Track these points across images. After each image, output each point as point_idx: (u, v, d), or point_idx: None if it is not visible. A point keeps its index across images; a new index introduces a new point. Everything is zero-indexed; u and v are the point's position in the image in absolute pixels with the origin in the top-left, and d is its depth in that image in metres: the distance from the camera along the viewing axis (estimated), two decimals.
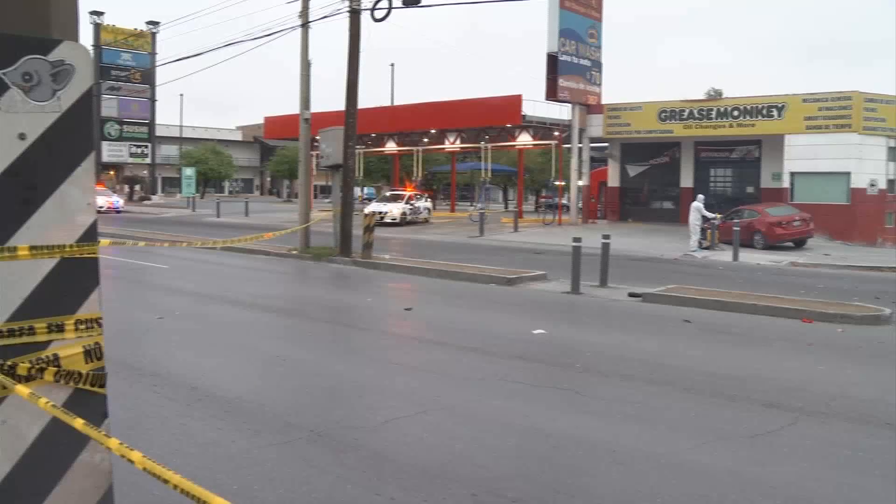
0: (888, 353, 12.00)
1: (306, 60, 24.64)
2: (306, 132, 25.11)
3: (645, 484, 6.11)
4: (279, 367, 10.05)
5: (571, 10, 40.36)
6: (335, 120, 25.33)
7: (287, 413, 7.74)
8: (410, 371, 9.92)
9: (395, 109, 51.94)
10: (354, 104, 23.37)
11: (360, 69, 23.45)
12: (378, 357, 10.81)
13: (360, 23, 23.25)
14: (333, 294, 18.31)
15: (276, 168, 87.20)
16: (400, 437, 7.13)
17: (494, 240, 33.65)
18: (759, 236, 30.98)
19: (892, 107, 36.75)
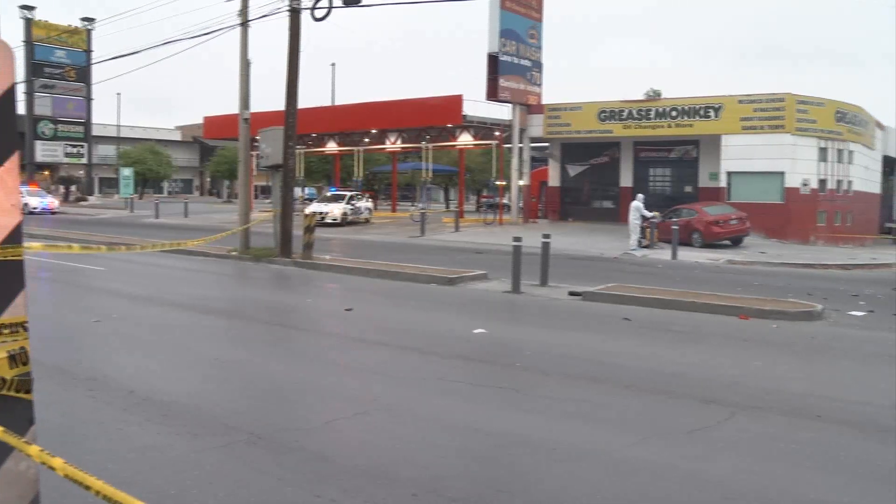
0: (821, 347, 12.28)
1: (246, 60, 24.40)
2: (246, 132, 24.88)
3: (586, 481, 6.16)
4: (218, 369, 9.95)
5: (512, 10, 40.52)
6: (275, 120, 25.14)
7: (226, 415, 7.66)
8: (351, 372, 9.89)
9: (336, 109, 51.74)
10: (294, 104, 23.22)
11: (301, 69, 23.30)
12: (318, 358, 10.78)
13: (300, 22, 23.10)
14: (273, 295, 18.18)
15: (216, 168, 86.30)
16: (340, 438, 7.11)
17: (435, 240, 33.69)
18: (697, 235, 31.46)
19: (822, 109, 37.58)
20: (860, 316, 15.50)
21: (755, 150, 36.53)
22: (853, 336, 13.41)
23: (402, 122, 45.22)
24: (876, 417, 8.21)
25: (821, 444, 7.23)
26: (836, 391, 9.32)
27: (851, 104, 39.96)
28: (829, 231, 38.03)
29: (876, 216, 46.21)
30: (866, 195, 43.21)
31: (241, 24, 24.25)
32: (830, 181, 38.43)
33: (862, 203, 42.15)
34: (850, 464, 6.73)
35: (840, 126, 38.54)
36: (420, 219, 37.13)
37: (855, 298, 17.76)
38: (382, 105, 44.23)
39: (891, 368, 10.87)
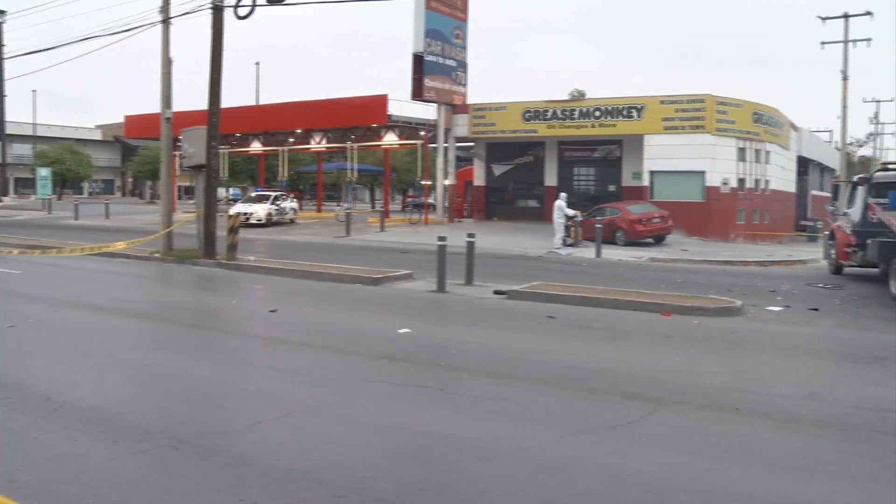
0: (740, 342, 12.56)
1: (167, 58, 24.00)
2: (168, 132, 24.48)
3: (510, 479, 6.21)
4: (140, 373, 9.79)
5: (437, 10, 40.53)
6: (198, 119, 24.76)
7: (147, 420, 7.55)
8: (275, 373, 9.82)
9: (261, 109, 51.18)
10: (217, 103, 22.93)
11: (225, 67, 23.01)
12: (242, 360, 10.67)
13: (223, 20, 22.81)
14: (197, 297, 17.96)
15: (138, 169, 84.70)
16: (264, 440, 7.05)
17: (361, 240, 33.58)
18: (620, 233, 31.87)
19: (740, 110, 38.42)
20: (777, 311, 15.88)
21: (677, 149, 37.16)
22: (771, 331, 13.73)
23: (327, 122, 44.95)
24: (790, 409, 8.45)
25: (739, 437, 7.41)
26: (754, 385, 9.54)
27: (768, 106, 40.93)
28: (747, 229, 38.86)
29: (792, 214, 47.43)
30: (783, 194, 44.31)
31: (163, 21, 23.85)
32: (749, 180, 39.27)
33: (779, 201, 43.20)
34: (766, 454, 6.92)
35: (757, 127, 39.44)
36: (345, 219, 36.96)
37: (772, 294, 18.18)
38: (307, 105, 43.89)
39: (805, 362, 11.22)
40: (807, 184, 53.89)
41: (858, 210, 21.27)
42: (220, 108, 23.14)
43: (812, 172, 55.71)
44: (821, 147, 60.09)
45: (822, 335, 13.66)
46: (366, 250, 28.55)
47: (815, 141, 58.20)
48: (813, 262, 27.55)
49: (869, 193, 20.80)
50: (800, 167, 50.28)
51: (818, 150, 57.31)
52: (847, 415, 8.28)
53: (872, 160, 75.47)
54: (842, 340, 13.26)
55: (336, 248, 29.95)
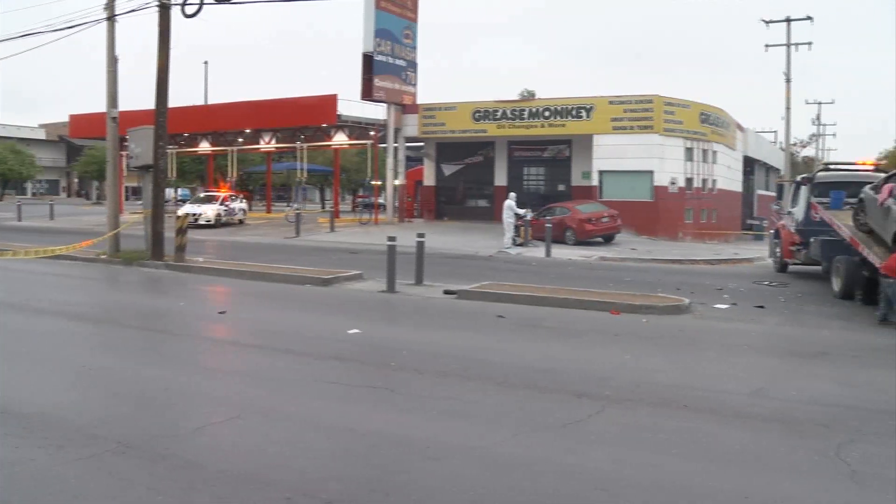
0: (688, 340, 12.73)
1: (113, 56, 23.64)
2: (114, 131, 24.13)
3: (461, 478, 6.22)
4: (85, 377, 9.63)
5: (387, 10, 40.46)
6: (146, 119, 24.46)
7: (93, 425, 7.43)
8: (224, 375, 9.75)
9: (209, 108, 50.74)
10: (165, 102, 22.67)
11: (172, 66, 22.74)
12: (191, 362, 10.57)
13: (170, 18, 22.52)
14: (144, 299, 17.74)
15: (83, 169, 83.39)
16: (213, 443, 7.00)
17: (311, 240, 33.41)
18: (570, 233, 32.05)
19: (688, 110, 38.90)
20: (724, 309, 16.12)
21: (625, 149, 37.48)
22: (718, 328, 13.94)
23: (276, 122, 44.67)
24: (737, 405, 8.59)
25: (686, 433, 7.52)
26: (702, 382, 9.68)
27: (714, 106, 41.49)
28: (695, 228, 39.38)
29: (738, 213, 48.17)
30: (729, 193, 44.93)
31: (108, 18, 23.48)
32: (696, 180, 39.77)
33: (725, 201, 43.80)
34: (713, 450, 7.04)
35: (704, 127, 39.95)
36: (295, 219, 36.74)
37: (719, 292, 18.43)
38: (256, 104, 43.57)
39: (751, 358, 11.37)
40: (753, 183, 54.76)
41: (802, 209, 21.65)
42: (168, 108, 22.89)
43: (758, 172, 56.62)
44: (766, 147, 61.05)
45: (768, 332, 13.87)
46: (316, 251, 28.41)
47: (760, 141, 59.13)
48: (759, 261, 28.02)
49: (812, 193, 21.19)
50: (746, 167, 51.08)
51: (763, 151, 58.24)
52: (791, 410, 8.42)
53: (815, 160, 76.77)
54: (786, 337, 13.47)
55: (286, 248, 29.77)
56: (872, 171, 21.49)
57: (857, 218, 17.73)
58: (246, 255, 24.66)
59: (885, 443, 7.35)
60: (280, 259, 23.66)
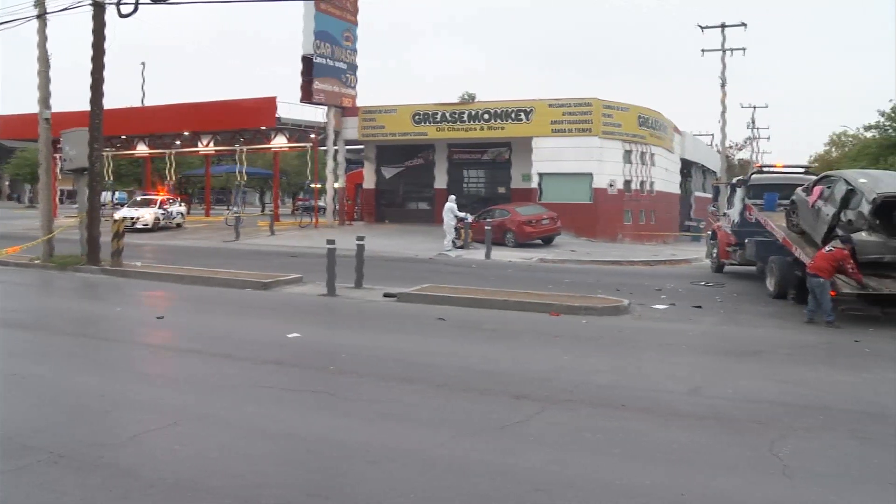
0: (627, 340, 12.86)
1: (45, 55, 23.15)
2: (47, 133, 23.66)
3: (400, 481, 6.21)
4: (16, 385, 9.40)
5: (327, 12, 40.25)
6: (80, 120, 24.01)
7: (24, 435, 7.26)
8: (162, 382, 9.62)
9: (146, 110, 50.03)
10: (100, 104, 22.24)
11: (107, 67, 22.31)
12: (127, 369, 10.40)
13: (104, 17, 22.07)
14: (80, 305, 17.40)
15: (15, 171, 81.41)
16: (150, 451, 6.89)
17: (250, 244, 33.14)
18: (510, 235, 32.17)
19: (626, 113, 39.31)
20: (662, 309, 16.32)
21: (564, 152, 37.73)
22: (656, 328, 14.12)
23: (215, 125, 44.18)
24: (674, 404, 8.72)
25: (625, 432, 7.61)
26: (640, 381, 9.79)
27: (652, 110, 41.98)
28: (634, 229, 39.79)
29: (676, 215, 48.80)
30: (667, 195, 45.50)
31: (39, 16, 22.98)
32: (635, 182, 40.20)
33: (664, 202, 44.35)
34: (651, 448, 7.13)
35: (642, 130, 40.42)
36: (234, 223, 36.45)
37: (658, 293, 18.65)
38: (195, 106, 43.09)
39: (689, 357, 11.54)
40: (690, 185, 55.51)
41: (737, 211, 22.03)
42: (104, 109, 22.46)
43: (695, 174, 57.41)
44: (703, 150, 61.92)
45: (705, 331, 14.08)
46: (255, 254, 28.19)
47: (697, 144, 59.96)
48: (696, 261, 28.46)
49: (747, 195, 21.56)
50: (683, 169, 51.83)
51: (700, 153, 59.07)
52: (726, 407, 8.57)
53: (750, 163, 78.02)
54: (723, 336, 13.69)
55: (225, 252, 29.49)
56: (804, 173, 21.95)
57: (790, 219, 18.11)
58: (184, 260, 24.37)
59: (815, 438, 7.60)
60: (219, 263, 23.41)
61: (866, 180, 15.51)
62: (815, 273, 14.69)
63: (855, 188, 15.29)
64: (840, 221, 15.33)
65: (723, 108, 45.93)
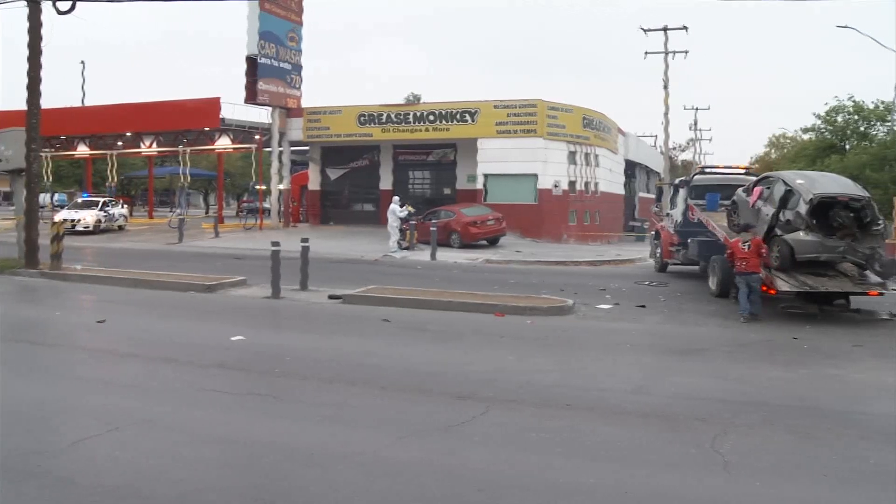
0: (571, 340, 12.97)
1: None
2: None
3: (344, 484, 6.19)
4: None
5: (271, 12, 39.93)
6: (17, 120, 23.57)
7: None
8: (102, 387, 9.46)
9: (87, 110, 49.24)
10: (37, 103, 21.83)
11: (45, 65, 21.90)
12: (66, 374, 10.21)
13: (40, 14, 21.67)
14: (17, 309, 17.04)
15: None
16: (89, 458, 6.78)
17: (194, 246, 32.77)
18: (455, 236, 32.20)
19: (570, 115, 39.57)
20: (607, 309, 16.47)
21: (509, 153, 37.87)
22: (600, 328, 14.26)
23: (158, 125, 43.68)
24: (618, 402, 8.81)
25: (569, 431, 7.67)
26: (584, 381, 9.88)
27: (596, 111, 42.32)
28: (579, 229, 40.07)
29: (621, 215, 49.29)
30: (612, 196, 45.90)
31: None
32: (579, 183, 40.47)
33: (608, 203, 44.73)
34: (595, 447, 7.21)
35: (587, 131, 40.71)
36: (178, 225, 36.04)
37: (602, 293, 18.80)
38: (137, 107, 42.52)
39: (632, 356, 11.67)
40: (634, 186, 56.14)
41: (680, 211, 22.30)
42: (42, 109, 22.07)
43: (639, 175, 58.06)
44: (646, 151, 62.63)
45: (648, 330, 14.23)
46: (200, 257, 27.88)
47: (641, 145, 60.63)
48: (640, 261, 28.73)
49: (689, 195, 21.83)
50: (627, 170, 52.38)
51: (644, 154, 59.74)
52: (669, 405, 8.69)
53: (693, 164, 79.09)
54: (666, 335, 13.84)
55: (169, 254, 29.11)
56: (744, 174, 22.29)
57: (731, 219, 18.39)
58: (127, 262, 23.99)
59: (755, 433, 7.75)
60: (162, 265, 23.08)
61: (803, 181, 15.83)
62: (753, 270, 15.19)
63: (793, 189, 15.60)
64: (779, 221, 15.63)
65: (666, 110, 46.45)
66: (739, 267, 15.41)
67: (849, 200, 15.20)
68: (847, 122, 48.22)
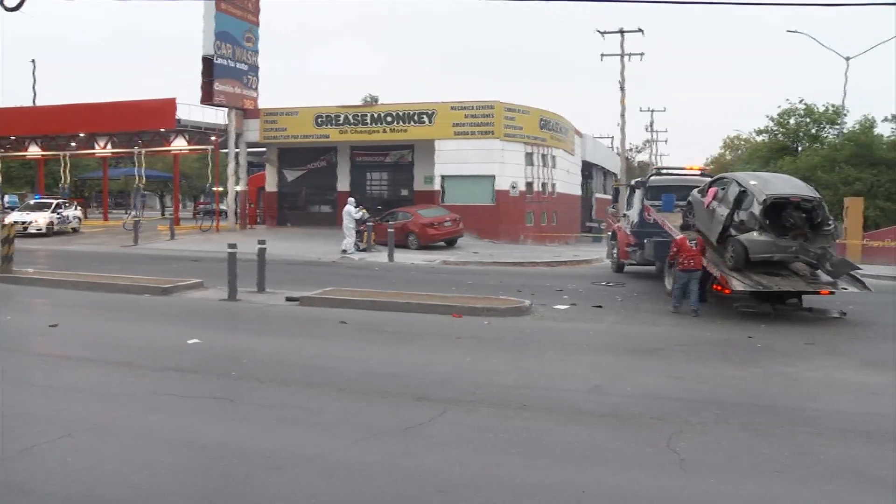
0: (528, 341, 13.01)
1: None
2: None
3: (303, 487, 6.17)
4: None
5: (227, 12, 39.62)
6: None
7: None
8: (55, 392, 9.32)
9: (38, 110, 48.60)
10: None
11: None
12: (18, 380, 10.04)
13: None
14: None
15: None
16: (41, 465, 6.66)
17: (150, 248, 32.47)
18: (413, 237, 32.16)
19: (527, 116, 39.75)
20: (564, 309, 16.55)
21: (467, 154, 37.95)
22: (557, 328, 14.33)
23: (112, 126, 43.16)
24: (576, 402, 8.87)
25: (526, 432, 7.71)
26: (542, 381, 9.93)
27: (553, 112, 42.53)
28: (536, 230, 40.24)
29: (578, 216, 49.61)
30: (569, 197, 46.17)
31: None
32: (537, 184, 40.65)
33: (565, 204, 44.98)
34: (552, 447, 7.26)
35: (544, 133, 40.91)
36: (133, 227, 35.66)
37: (559, 293, 18.89)
38: (91, 107, 42.01)
39: (589, 357, 11.75)
40: (591, 187, 56.52)
41: (636, 212, 22.48)
42: None
43: (596, 176, 58.47)
44: (603, 152, 63.06)
45: (605, 330, 14.33)
46: (155, 259, 27.62)
47: (597, 146, 61.03)
48: (597, 262, 28.91)
49: (645, 196, 22.02)
50: (584, 171, 52.69)
51: (601, 156, 60.15)
52: (626, 405, 8.76)
53: (649, 165, 79.78)
54: (622, 335, 13.94)
55: (124, 257, 28.80)
56: (699, 175, 22.52)
57: (686, 219, 18.59)
58: (81, 265, 23.67)
59: (710, 431, 7.84)
60: (117, 268, 22.84)
61: (757, 182, 16.05)
62: (696, 268, 15.96)
63: (747, 190, 15.80)
64: (733, 221, 15.83)
65: (622, 112, 46.83)
66: (686, 264, 15.86)
67: (800, 201, 15.46)
68: (799, 125, 49.08)
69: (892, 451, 7.24)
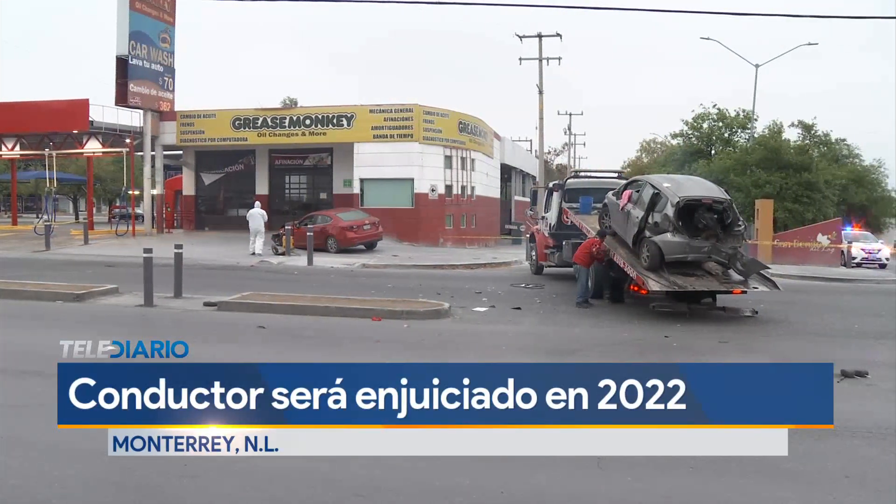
0: (448, 343, 13.08)
1: None
2: None
3: (220, 495, 6.15)
4: None
5: (142, 12, 38.84)
6: None
7: None
8: None
9: None
10: None
11: None
12: None
13: None
14: None
15: None
16: None
17: (63, 254, 31.68)
18: (332, 241, 31.98)
19: (446, 119, 39.94)
20: (483, 311, 16.66)
21: (386, 157, 37.95)
22: (477, 330, 14.41)
23: (20, 127, 41.97)
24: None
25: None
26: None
27: (472, 116, 42.79)
28: (456, 233, 40.43)
29: (497, 218, 49.95)
30: (488, 199, 46.48)
31: None
32: (456, 187, 40.85)
33: (485, 207, 45.27)
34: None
35: (463, 136, 41.12)
36: (45, 232, 34.76)
37: (479, 295, 19.00)
38: None
39: (508, 358, 11.79)
40: (510, 190, 56.96)
41: (554, 214, 22.73)
42: None
43: (515, 179, 58.92)
44: (522, 155, 63.57)
45: (524, 332, 14.47)
46: (68, 265, 26.95)
47: (516, 149, 61.50)
48: (517, 264, 29.15)
49: (563, 199, 22.29)
50: (503, 174, 53.07)
51: (520, 158, 60.63)
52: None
53: (567, 168, 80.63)
54: (541, 336, 14.11)
55: (35, 263, 28.04)
56: (616, 177, 22.88)
57: (603, 222, 18.85)
58: None
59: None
60: (28, 274, 22.22)
61: (670, 185, 16.39)
62: (575, 262, 17.48)
63: (660, 192, 16.12)
64: (647, 223, 16.13)
65: (540, 115, 47.21)
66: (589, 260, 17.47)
67: (712, 203, 15.85)
68: (712, 129, 50.32)
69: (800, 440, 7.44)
